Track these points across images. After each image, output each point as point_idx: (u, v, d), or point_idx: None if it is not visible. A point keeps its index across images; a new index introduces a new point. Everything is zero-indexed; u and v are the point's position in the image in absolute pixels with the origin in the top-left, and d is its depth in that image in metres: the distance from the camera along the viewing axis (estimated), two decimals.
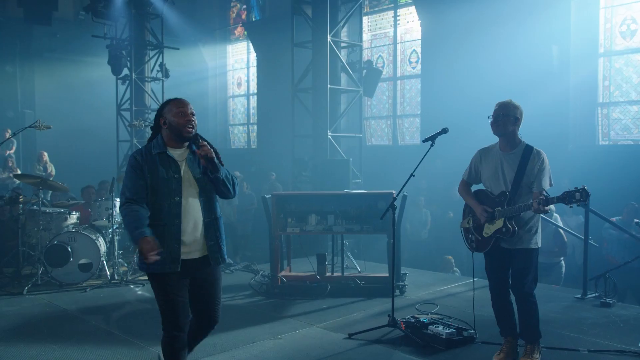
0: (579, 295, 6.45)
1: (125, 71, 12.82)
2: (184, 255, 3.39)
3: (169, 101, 3.60)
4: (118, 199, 7.48)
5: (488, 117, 4.43)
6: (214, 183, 3.48)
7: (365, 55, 15.51)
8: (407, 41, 14.83)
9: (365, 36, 15.58)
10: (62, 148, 14.77)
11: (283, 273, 6.96)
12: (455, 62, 12.49)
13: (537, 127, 11.10)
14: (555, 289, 7.17)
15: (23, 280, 7.05)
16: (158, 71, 13.23)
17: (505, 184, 4.33)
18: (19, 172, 12.23)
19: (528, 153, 4.31)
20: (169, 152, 3.47)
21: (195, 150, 3.49)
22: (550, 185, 4.31)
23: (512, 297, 4.46)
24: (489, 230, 4.38)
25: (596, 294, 6.34)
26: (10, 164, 12.98)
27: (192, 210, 3.43)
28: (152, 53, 13.12)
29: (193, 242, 3.42)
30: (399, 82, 14.98)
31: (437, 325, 5.01)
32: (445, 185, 11.79)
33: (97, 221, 7.43)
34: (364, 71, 10.74)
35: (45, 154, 13.42)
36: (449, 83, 12.51)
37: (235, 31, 18.98)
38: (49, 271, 6.92)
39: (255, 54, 17.62)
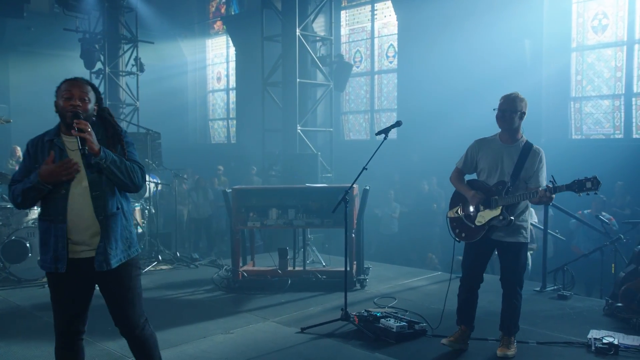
0: (537, 288, 6.46)
1: (99, 65, 12.73)
2: (73, 254, 3.04)
3: (63, 81, 3.12)
4: None
5: (494, 110, 4.37)
6: (102, 172, 3.04)
7: (343, 49, 15.52)
8: (385, 35, 14.81)
9: (343, 30, 15.59)
10: None
11: (245, 268, 6.93)
12: (430, 56, 12.48)
13: None
14: None
15: None
16: (133, 65, 13.16)
17: (503, 175, 4.30)
18: None
19: (528, 149, 4.29)
20: (58, 140, 3.09)
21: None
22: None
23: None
24: (482, 218, 4.33)
25: (554, 287, 6.36)
26: None
27: (81, 205, 3.03)
28: (126, 47, 13.04)
29: (82, 240, 3.05)
30: (376, 76, 14.97)
31: (389, 319, 4.99)
32: (420, 179, 11.83)
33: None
34: (334, 65, 10.69)
35: (19, 148, 13.24)
36: (425, 77, 12.51)
37: (215, 25, 18.88)
38: (7, 267, 6.83)
39: (234, 48, 17.53)
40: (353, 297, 6.25)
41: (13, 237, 6.83)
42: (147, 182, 7.95)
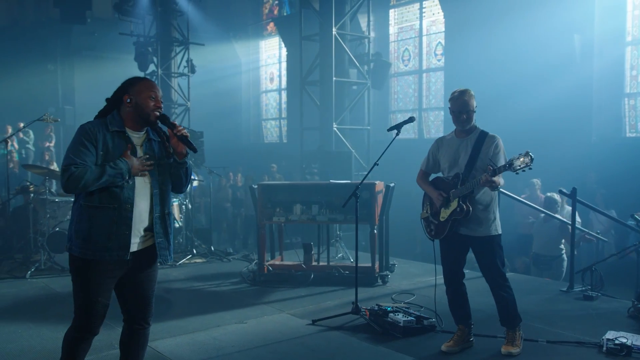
0: (564, 289, 6.29)
1: (152, 67, 13.27)
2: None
3: (138, 80, 3.27)
4: None
5: (450, 110, 4.43)
6: (177, 170, 3.23)
7: (392, 48, 15.51)
8: (433, 33, 14.67)
9: (392, 29, 15.57)
10: None
11: (271, 262, 7.09)
12: (477, 52, 12.30)
13: (558, 118, 10.93)
14: (546, 281, 7.02)
15: (30, 265, 7.44)
16: (185, 67, 13.62)
17: (460, 168, 4.36)
18: (54, 165, 12.83)
19: (482, 137, 4.35)
20: (128, 133, 3.18)
21: (165, 132, 3.25)
22: None
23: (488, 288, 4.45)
24: (445, 214, 4.39)
25: (582, 287, 6.18)
26: (47, 157, 13.60)
27: (144, 199, 3.17)
28: (178, 49, 13.52)
29: (138, 232, 3.16)
30: (424, 74, 14.86)
31: (397, 314, 5.02)
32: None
33: None
34: (372, 64, 10.71)
35: None
36: (471, 74, 12.30)
37: (268, 27, 19.24)
38: (52, 256, 7.29)
39: (285, 49, 17.84)
40: (373, 293, 6.33)
41: (57, 229, 7.28)
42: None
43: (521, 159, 3.96)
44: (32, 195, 7.90)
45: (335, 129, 9.90)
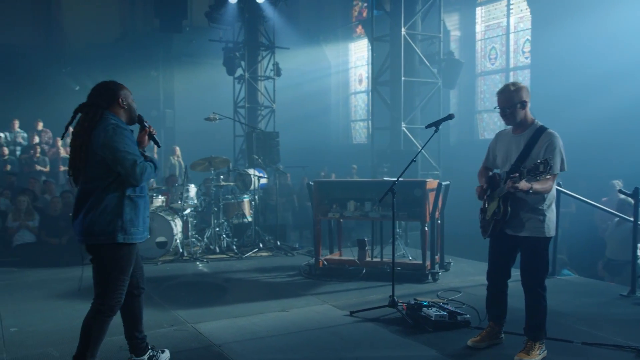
0: (625, 293, 5.99)
1: (240, 71, 13.94)
2: None
3: (121, 85, 3.77)
4: (191, 185, 8.38)
5: (495, 108, 4.30)
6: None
7: (478, 46, 15.23)
8: (520, 30, 14.23)
9: (479, 27, 15.28)
10: (194, 142, 16.33)
11: (327, 257, 7.32)
12: (564, 48, 11.81)
13: None
14: (609, 285, 6.72)
15: None
16: (271, 70, 14.18)
17: (511, 165, 4.17)
18: None
19: (538, 134, 4.08)
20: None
21: (146, 127, 3.91)
22: (562, 169, 4.07)
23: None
24: (489, 212, 4.30)
25: None
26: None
27: None
28: (264, 53, 14.09)
29: None
30: (511, 73, 14.44)
31: (431, 308, 5.07)
32: None
33: (174, 204, 8.37)
34: (444, 63, 10.62)
35: (178, 148, 15.07)
36: (558, 72, 11.87)
37: (357, 29, 19.49)
38: None
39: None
40: (420, 289, 6.38)
41: None
42: (252, 176, 8.70)
43: (541, 167, 3.74)
44: None
45: (404, 128, 9.94)
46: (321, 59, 19.41)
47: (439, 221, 7.08)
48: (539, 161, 3.80)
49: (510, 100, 4.10)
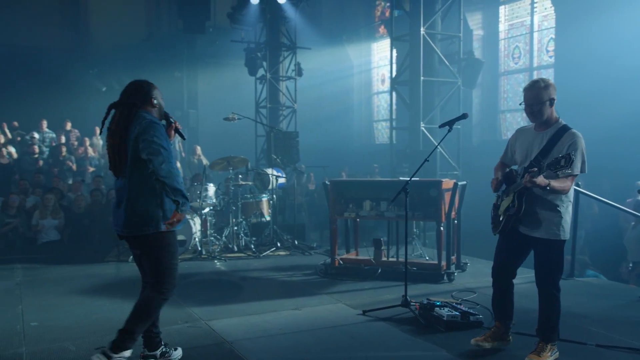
0: None
1: (262, 72, 14.03)
2: None
3: (153, 85, 4.00)
4: (210, 184, 8.48)
5: (520, 104, 4.20)
6: None
7: (501, 45, 15.08)
8: (545, 29, 14.05)
9: (502, 26, 15.13)
10: (217, 143, 16.50)
11: (344, 256, 7.34)
12: (588, 47, 11.63)
13: None
14: (629, 288, 6.61)
15: None
16: (293, 70, 14.23)
17: (530, 162, 4.08)
18: None
19: (561, 133, 3.98)
20: None
21: (172, 122, 4.15)
22: (583, 171, 3.97)
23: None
24: (502, 207, 4.23)
25: None
26: None
27: None
28: (286, 54, 14.16)
29: None
30: (535, 72, 14.26)
31: (444, 308, 5.05)
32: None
33: (193, 203, 8.47)
34: (463, 63, 10.54)
35: (199, 148, 15.22)
36: (583, 70, 11.68)
37: (380, 29, 19.45)
38: None
39: (396, 51, 17.89)
40: (435, 289, 6.36)
41: None
42: (270, 176, 8.77)
43: (562, 161, 3.66)
44: None
45: (423, 128, 9.91)
46: (344, 59, 19.42)
47: (456, 221, 7.05)
48: (560, 155, 3.71)
49: (538, 97, 3.99)
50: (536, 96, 4.01)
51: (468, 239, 7.52)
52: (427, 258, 7.62)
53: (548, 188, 3.81)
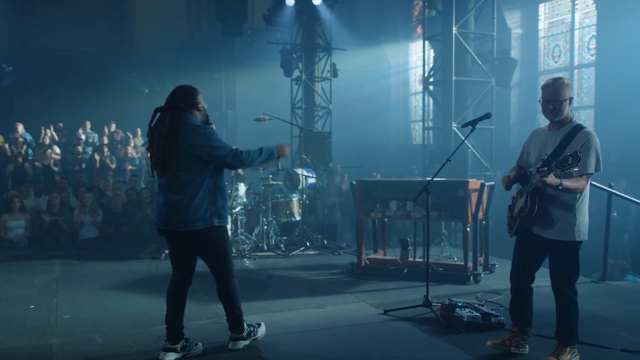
0: None
1: (297, 73, 14.14)
2: None
3: (198, 90, 4.28)
4: (241, 184, 8.61)
5: (538, 101, 4.17)
6: None
7: (541, 44, 14.79)
8: (586, 26, 13.71)
9: (542, 24, 14.84)
10: (255, 143, 16.63)
11: (370, 256, 7.35)
12: (631, 45, 11.33)
13: None
14: None
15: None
16: (328, 71, 14.29)
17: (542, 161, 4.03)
18: None
19: (575, 132, 3.94)
20: None
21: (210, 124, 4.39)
22: (597, 170, 3.91)
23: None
24: (516, 209, 4.19)
25: None
26: None
27: None
28: (321, 54, 14.22)
29: None
30: (575, 71, 13.93)
31: (465, 309, 5.02)
32: (616, 180, 10.77)
33: None
34: (497, 62, 10.38)
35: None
36: (625, 68, 11.37)
37: (417, 29, 19.31)
38: None
39: (433, 51, 17.76)
40: (461, 290, 6.32)
41: None
42: (300, 176, 8.85)
43: (570, 159, 3.59)
44: None
45: (455, 128, 9.81)
46: (381, 60, 19.39)
47: (484, 222, 6.98)
48: (568, 154, 3.67)
49: (560, 93, 3.95)
50: (557, 92, 3.97)
51: (498, 241, 7.42)
52: (456, 259, 7.55)
53: (560, 187, 3.76)
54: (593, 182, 7.21)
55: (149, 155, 4.17)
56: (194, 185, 4.04)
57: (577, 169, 3.66)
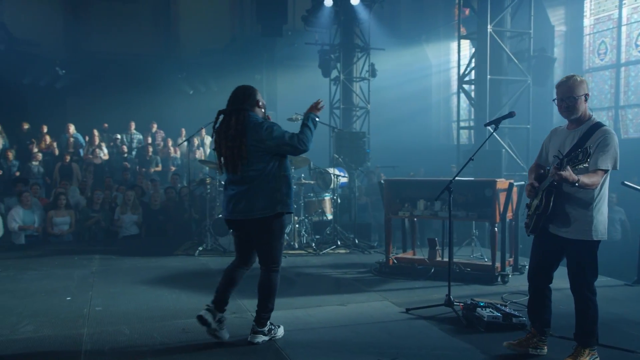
0: None
1: (335, 73, 14.21)
2: None
3: (256, 88, 4.55)
4: None
5: (553, 100, 4.15)
6: None
7: (586, 41, 14.41)
8: (634, 22, 13.27)
9: (587, 21, 14.46)
10: None
11: (399, 255, 7.35)
12: None
13: None
14: None
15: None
16: (367, 71, 14.31)
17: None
18: None
19: (593, 130, 3.89)
20: None
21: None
22: (614, 168, 3.85)
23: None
24: (532, 207, 4.15)
25: None
26: None
27: None
28: (360, 55, 14.25)
29: None
30: (622, 68, 13.51)
31: (486, 309, 4.99)
32: None
33: None
34: (534, 60, 10.16)
35: None
36: None
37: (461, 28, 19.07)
38: (217, 239, 8.48)
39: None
40: (487, 290, 6.26)
41: (219, 215, 8.44)
42: (332, 175, 8.92)
43: (580, 155, 3.60)
44: (208, 187, 9.20)
45: (489, 127, 9.64)
46: (422, 59, 19.24)
47: (513, 222, 6.88)
48: (578, 150, 3.65)
49: (574, 90, 3.91)
50: (571, 89, 3.92)
51: (530, 241, 7.28)
52: (486, 260, 7.46)
53: (577, 184, 3.70)
54: (631, 184, 7.06)
55: (218, 156, 4.43)
56: (262, 176, 4.29)
57: (586, 165, 3.63)
